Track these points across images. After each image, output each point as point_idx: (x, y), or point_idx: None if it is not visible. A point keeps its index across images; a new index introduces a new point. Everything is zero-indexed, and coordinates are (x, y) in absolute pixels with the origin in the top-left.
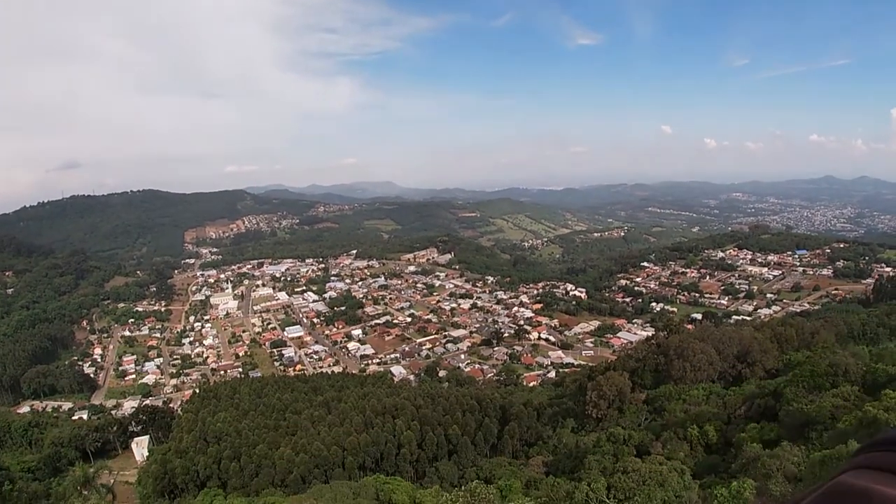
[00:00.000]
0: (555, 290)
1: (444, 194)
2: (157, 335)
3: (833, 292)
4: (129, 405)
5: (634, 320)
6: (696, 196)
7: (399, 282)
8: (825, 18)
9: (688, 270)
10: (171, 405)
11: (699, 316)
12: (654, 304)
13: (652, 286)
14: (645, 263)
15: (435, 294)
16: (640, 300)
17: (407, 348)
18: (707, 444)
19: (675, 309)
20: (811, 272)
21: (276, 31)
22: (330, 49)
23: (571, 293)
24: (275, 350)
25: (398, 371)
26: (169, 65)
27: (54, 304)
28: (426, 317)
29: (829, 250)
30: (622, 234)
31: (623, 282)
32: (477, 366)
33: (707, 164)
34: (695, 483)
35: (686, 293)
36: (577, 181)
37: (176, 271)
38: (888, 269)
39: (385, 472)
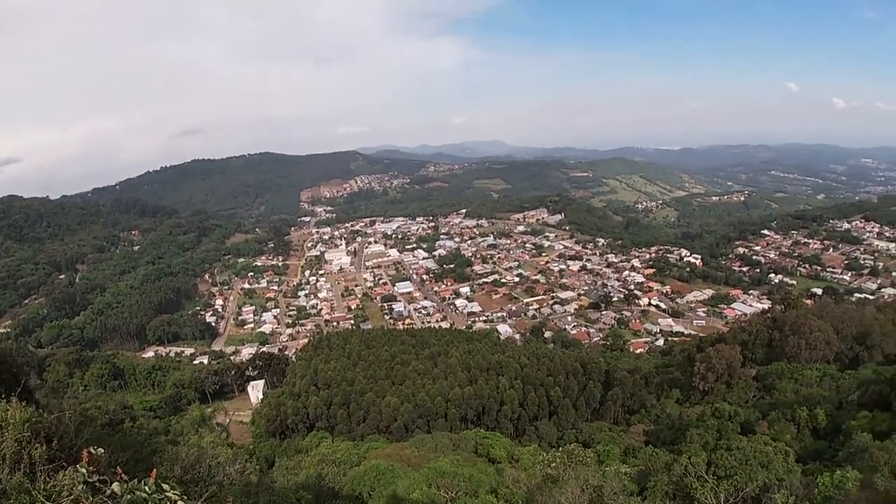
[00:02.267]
0: (668, 255)
1: (555, 153)
2: (275, 288)
3: None
4: (247, 352)
5: (750, 291)
6: (822, 160)
7: (508, 241)
8: None
9: (810, 241)
10: (286, 353)
11: (819, 291)
12: (772, 275)
13: (771, 256)
14: (765, 231)
15: (544, 255)
16: (757, 270)
17: (514, 307)
18: (815, 428)
19: (794, 281)
20: None
21: None
22: (436, 8)
23: (685, 259)
24: (385, 304)
25: (504, 330)
26: (282, 33)
27: (178, 259)
28: (534, 277)
29: None
30: (742, 198)
31: (741, 250)
32: (583, 329)
33: (835, 126)
34: (798, 467)
35: (807, 265)
36: (694, 140)
37: (292, 229)
38: None
39: (486, 426)
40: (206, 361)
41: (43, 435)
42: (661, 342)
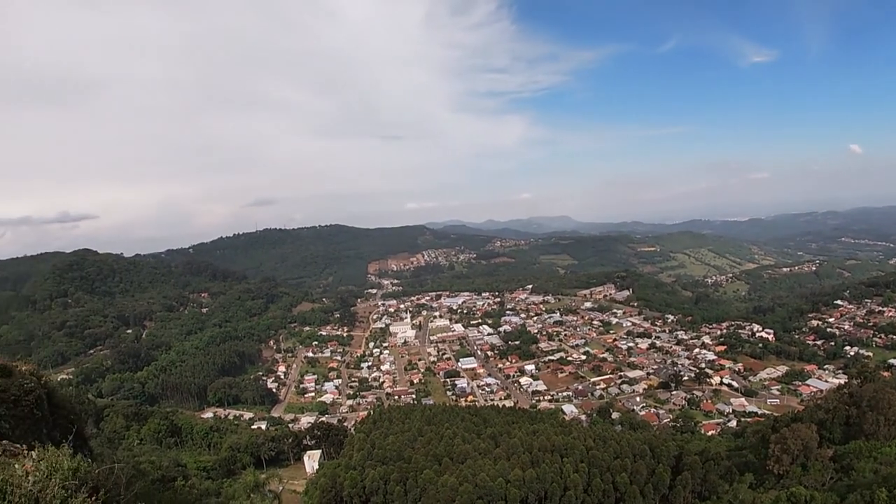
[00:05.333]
0: (739, 330)
1: (622, 228)
2: (338, 358)
3: None
4: (306, 420)
5: (825, 366)
6: (894, 223)
7: (574, 318)
8: None
9: (885, 309)
10: (345, 424)
11: None
12: (847, 347)
13: (846, 327)
14: (838, 302)
15: (611, 332)
16: (832, 343)
17: (580, 387)
18: None
19: (870, 353)
20: None
21: (445, 73)
22: (498, 88)
23: (757, 334)
24: (448, 380)
25: (569, 410)
26: (348, 111)
27: (245, 324)
28: (601, 355)
29: None
30: (813, 268)
31: (814, 322)
32: (652, 410)
33: None
34: None
35: (883, 335)
36: (762, 210)
37: (358, 300)
38: None
39: None
40: (264, 427)
41: (91, 485)
42: (733, 423)
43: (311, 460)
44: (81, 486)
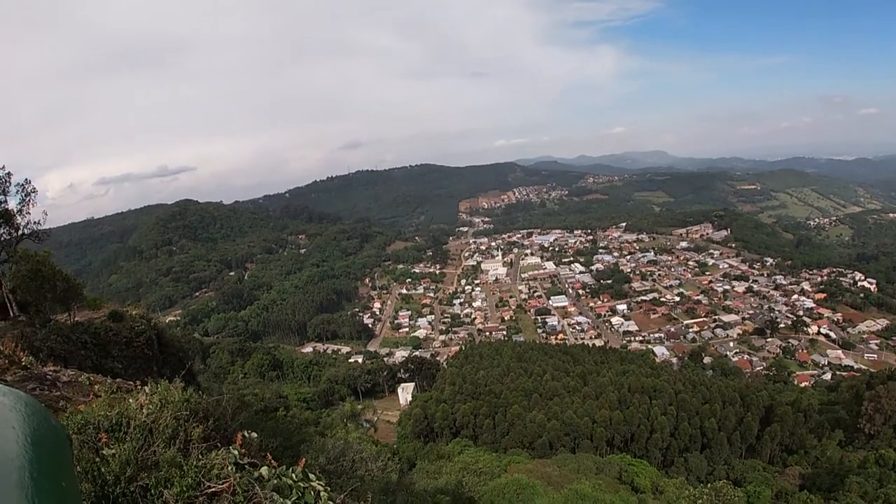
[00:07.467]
0: (841, 278)
1: (721, 164)
2: (431, 295)
3: None
4: (400, 354)
5: None
6: None
7: (669, 258)
8: None
9: None
10: (437, 358)
11: None
12: None
13: None
14: None
15: (707, 273)
16: None
17: (672, 329)
18: None
19: None
20: None
21: (530, 4)
22: (587, 17)
23: (859, 284)
24: (539, 317)
25: (660, 352)
26: (433, 51)
27: (341, 263)
28: (696, 297)
29: None
30: None
31: None
32: (746, 356)
33: None
34: None
35: None
36: (870, 149)
37: (450, 238)
38: None
39: (633, 453)
40: (360, 360)
41: (201, 415)
42: (828, 376)
43: (405, 392)
44: (192, 416)
